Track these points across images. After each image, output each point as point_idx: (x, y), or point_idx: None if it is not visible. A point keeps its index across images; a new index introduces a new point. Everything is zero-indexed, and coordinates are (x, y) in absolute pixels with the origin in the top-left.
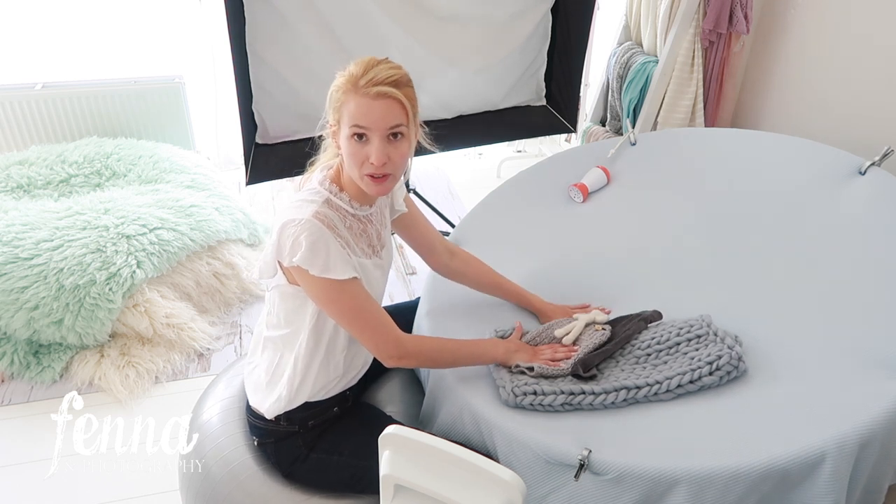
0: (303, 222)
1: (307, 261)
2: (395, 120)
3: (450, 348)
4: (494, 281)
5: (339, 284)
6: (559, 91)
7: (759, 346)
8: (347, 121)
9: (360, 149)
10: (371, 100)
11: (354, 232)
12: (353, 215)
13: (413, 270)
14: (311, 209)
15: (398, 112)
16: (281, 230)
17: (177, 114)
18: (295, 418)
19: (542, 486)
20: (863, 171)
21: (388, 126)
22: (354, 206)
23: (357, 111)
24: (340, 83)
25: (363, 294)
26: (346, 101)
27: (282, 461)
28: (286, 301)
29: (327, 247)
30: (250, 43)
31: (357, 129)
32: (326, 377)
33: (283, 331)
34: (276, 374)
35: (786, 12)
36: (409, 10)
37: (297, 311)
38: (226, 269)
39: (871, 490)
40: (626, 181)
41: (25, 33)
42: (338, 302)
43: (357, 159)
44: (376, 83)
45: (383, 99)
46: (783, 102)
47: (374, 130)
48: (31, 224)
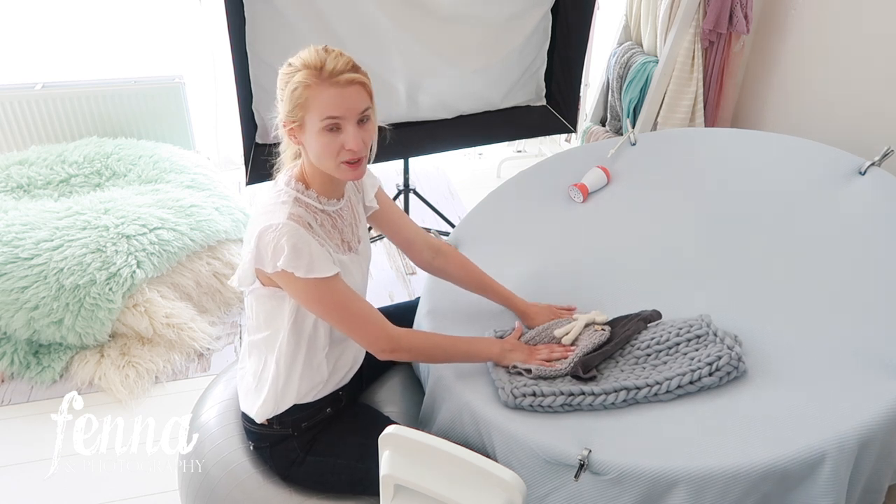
0: (280, 227)
1: (292, 263)
2: (364, 103)
3: (443, 345)
4: (480, 280)
5: (324, 283)
6: (559, 91)
7: (758, 346)
8: (318, 114)
9: (333, 139)
10: (342, 88)
11: (326, 228)
12: (322, 211)
13: (413, 270)
14: (284, 212)
15: (365, 95)
16: (259, 238)
17: (177, 114)
18: (287, 421)
19: (542, 486)
20: (863, 171)
21: (359, 111)
22: (323, 202)
23: (330, 102)
24: (301, 79)
25: (347, 290)
26: (314, 95)
27: (278, 464)
28: (262, 304)
29: (308, 246)
30: (250, 43)
31: (331, 121)
32: (311, 379)
33: (264, 333)
34: (262, 378)
35: (786, 12)
36: (410, 11)
37: (274, 312)
38: (226, 269)
39: (870, 490)
40: (626, 181)
41: (25, 33)
42: (325, 301)
43: (332, 150)
44: (341, 71)
45: (352, 86)
46: (783, 102)
47: (347, 118)
48: (31, 224)
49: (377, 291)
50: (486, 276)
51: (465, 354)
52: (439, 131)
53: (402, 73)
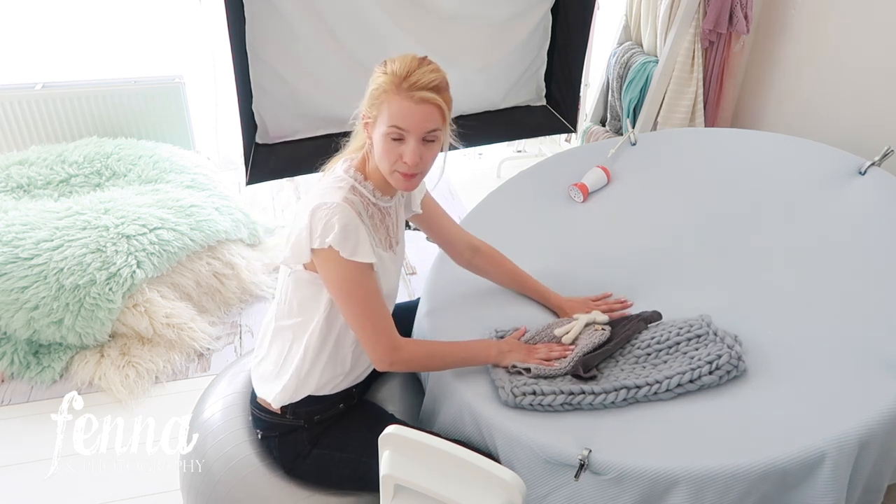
0: (334, 206)
1: (339, 242)
2: (432, 125)
3: (439, 354)
4: (516, 277)
5: (360, 269)
6: (559, 91)
7: (758, 345)
8: (386, 120)
9: (394, 147)
10: (413, 104)
11: (374, 222)
12: (374, 204)
13: (413, 270)
14: (340, 195)
15: (437, 117)
16: (312, 213)
17: (177, 114)
18: (301, 412)
19: (542, 486)
20: (863, 171)
21: (425, 130)
22: (377, 196)
23: (398, 113)
24: (382, 81)
25: (375, 287)
26: (387, 100)
27: (284, 456)
28: (301, 289)
29: (357, 230)
30: (250, 43)
31: (395, 131)
32: (333, 370)
33: (296, 319)
34: (285, 364)
35: (786, 12)
36: (410, 10)
37: (313, 299)
38: (226, 269)
39: (870, 490)
40: (626, 181)
41: (25, 33)
42: (353, 288)
43: (391, 157)
44: (420, 87)
45: (425, 104)
46: (783, 102)
47: (411, 133)
48: (31, 224)
49: None
50: (522, 272)
51: (462, 361)
52: None
53: None
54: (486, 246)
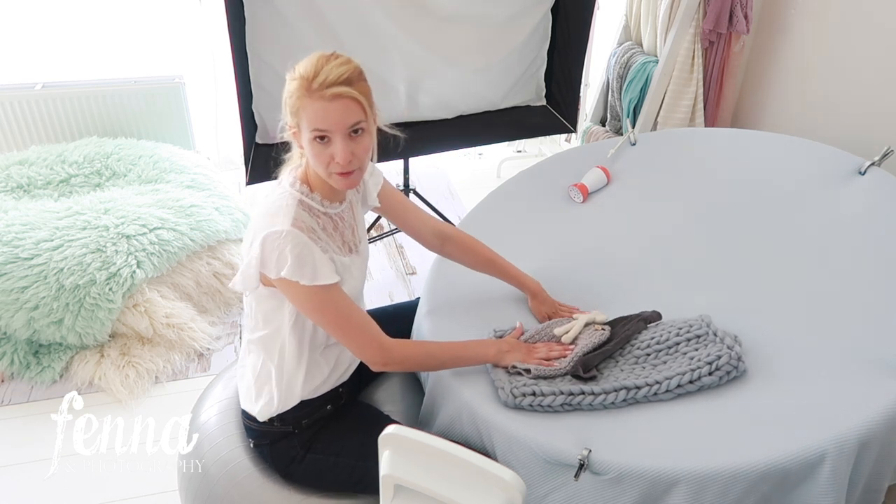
0: (284, 234)
1: (296, 273)
2: (353, 118)
3: (436, 354)
4: (488, 261)
5: (325, 290)
6: (559, 91)
7: (758, 346)
8: (307, 125)
9: (323, 150)
10: (328, 102)
11: (328, 231)
12: (324, 214)
13: (413, 270)
14: (288, 218)
15: (355, 110)
16: (263, 243)
17: (177, 114)
18: (288, 418)
19: (541, 486)
20: (863, 171)
21: (347, 126)
22: (325, 205)
23: (315, 115)
24: (293, 88)
25: (346, 299)
26: (302, 105)
27: (278, 462)
28: (262, 303)
29: (312, 255)
30: (250, 43)
31: (318, 133)
32: (312, 375)
33: (263, 332)
34: (261, 377)
35: (786, 12)
36: (410, 11)
37: (275, 312)
38: (226, 269)
39: (870, 490)
40: (626, 181)
41: (25, 33)
42: (324, 308)
43: (323, 160)
44: (330, 84)
45: (340, 100)
46: (783, 102)
47: (335, 132)
48: (31, 224)
49: (377, 291)
50: (495, 256)
51: (459, 360)
52: (439, 131)
53: (402, 73)
54: (458, 232)
